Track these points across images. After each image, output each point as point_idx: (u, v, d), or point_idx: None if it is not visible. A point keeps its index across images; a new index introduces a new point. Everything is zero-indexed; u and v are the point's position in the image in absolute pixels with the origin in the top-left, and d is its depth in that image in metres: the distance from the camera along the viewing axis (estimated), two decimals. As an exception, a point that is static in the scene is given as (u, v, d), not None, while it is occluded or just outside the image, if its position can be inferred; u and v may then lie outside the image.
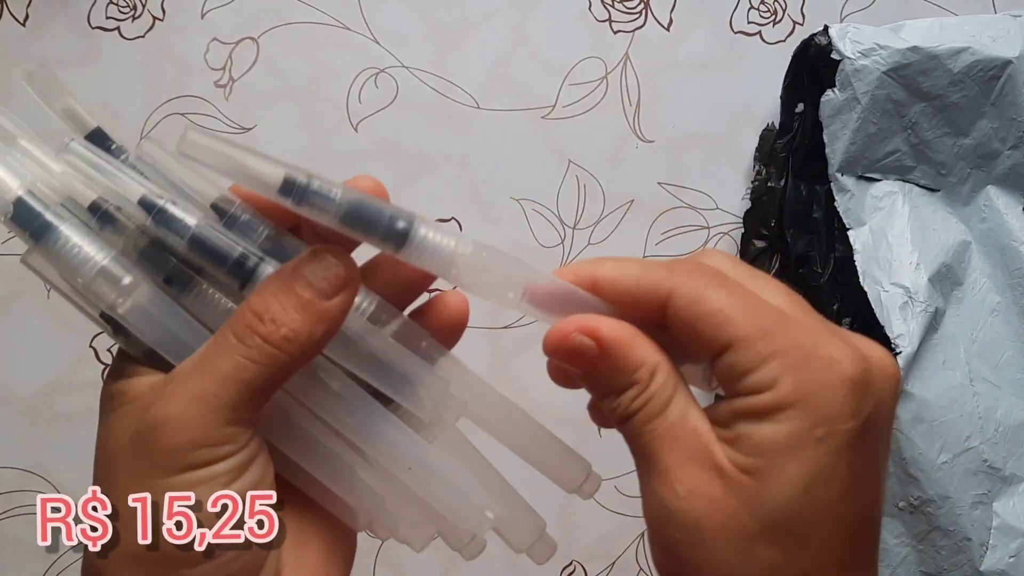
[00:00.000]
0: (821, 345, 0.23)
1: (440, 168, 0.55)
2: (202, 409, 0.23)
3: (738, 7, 0.56)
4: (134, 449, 0.23)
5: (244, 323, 0.23)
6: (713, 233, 0.55)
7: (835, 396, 0.23)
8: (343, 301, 0.24)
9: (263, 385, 0.23)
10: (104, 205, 0.24)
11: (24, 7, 0.55)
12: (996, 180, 0.54)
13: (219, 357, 0.23)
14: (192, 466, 0.23)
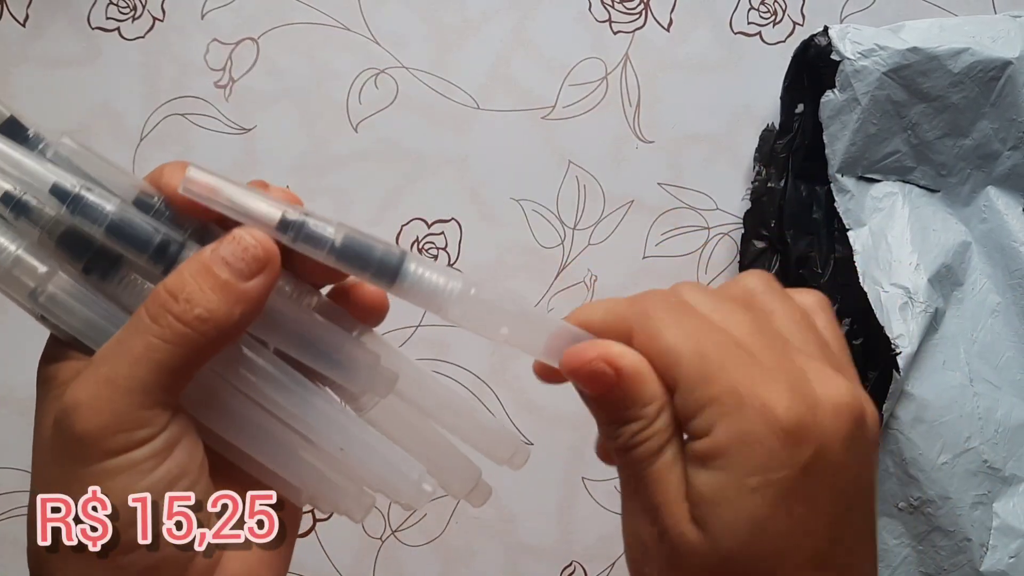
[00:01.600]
0: (760, 388, 0.23)
1: (440, 168, 0.55)
2: (112, 392, 0.22)
3: (738, 7, 0.57)
4: (53, 436, 0.23)
5: (158, 303, 0.22)
6: (713, 233, 0.55)
7: (766, 445, 0.22)
8: (263, 283, 0.23)
9: (177, 366, 0.22)
10: (17, 195, 0.24)
11: (24, 7, 0.55)
12: (996, 181, 0.54)
13: (131, 338, 0.22)
14: (108, 453, 0.22)
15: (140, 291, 0.24)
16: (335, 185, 0.55)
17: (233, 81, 0.55)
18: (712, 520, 0.22)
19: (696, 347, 0.23)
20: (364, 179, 0.55)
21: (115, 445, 0.22)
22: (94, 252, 0.24)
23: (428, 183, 0.55)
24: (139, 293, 0.24)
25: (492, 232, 0.55)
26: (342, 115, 0.55)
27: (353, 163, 0.55)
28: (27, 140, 0.25)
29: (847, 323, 0.51)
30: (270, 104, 0.55)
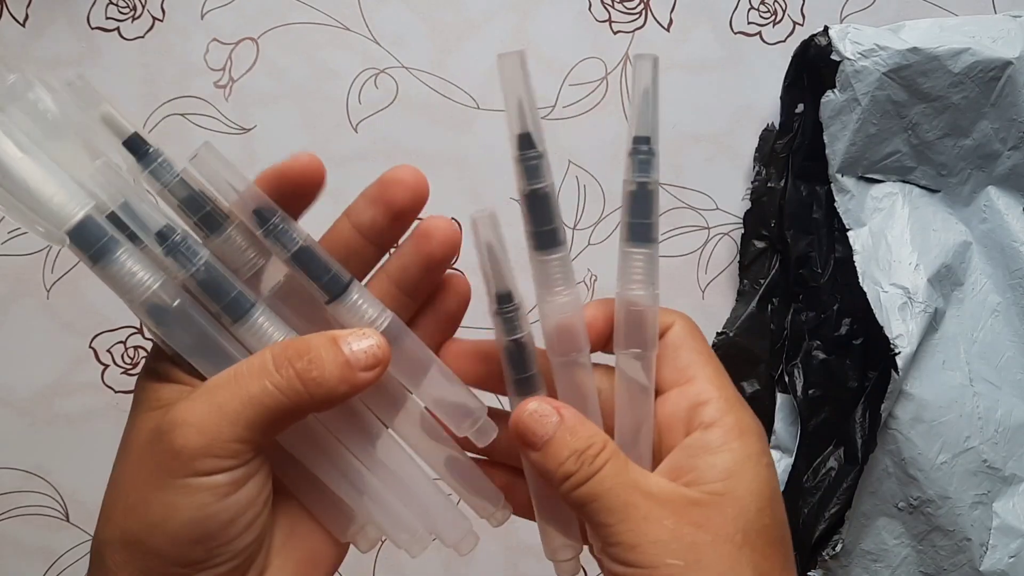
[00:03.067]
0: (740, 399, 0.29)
1: (440, 168, 0.55)
2: (220, 420, 0.24)
3: (738, 7, 0.56)
4: (150, 444, 0.25)
5: (285, 356, 0.25)
6: (713, 233, 0.55)
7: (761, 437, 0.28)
8: (372, 377, 0.26)
9: (280, 415, 0.25)
10: (171, 235, 0.26)
11: (24, 7, 0.55)
12: (997, 181, 0.54)
13: (250, 379, 0.25)
14: (196, 472, 0.24)
15: (263, 336, 0.27)
16: (335, 185, 0.55)
17: (233, 81, 0.55)
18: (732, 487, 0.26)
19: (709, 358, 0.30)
20: (364, 179, 0.55)
21: (204, 467, 0.24)
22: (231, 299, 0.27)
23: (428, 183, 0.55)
24: (261, 338, 0.27)
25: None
26: (342, 115, 0.55)
27: (353, 163, 0.55)
28: (147, 155, 0.28)
29: (847, 323, 0.51)
30: (270, 104, 0.55)
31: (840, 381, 0.51)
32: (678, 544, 0.25)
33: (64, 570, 0.53)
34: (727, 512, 0.26)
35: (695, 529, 0.26)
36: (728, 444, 0.27)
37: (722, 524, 0.26)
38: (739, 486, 0.26)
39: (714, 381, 0.29)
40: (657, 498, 0.26)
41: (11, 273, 0.54)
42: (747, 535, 0.26)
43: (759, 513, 0.26)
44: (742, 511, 0.26)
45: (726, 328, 0.53)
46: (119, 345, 0.54)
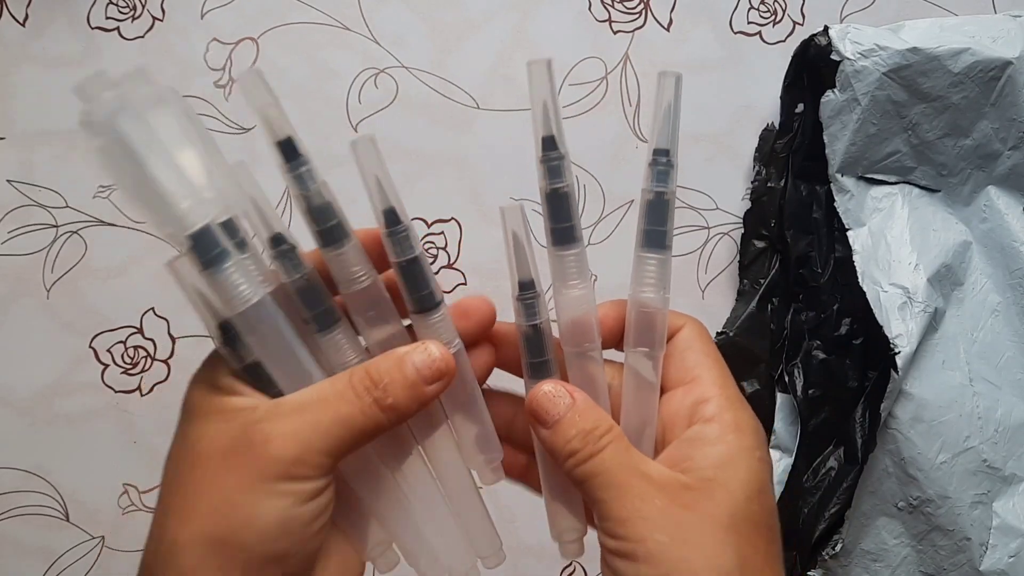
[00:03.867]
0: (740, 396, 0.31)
1: (440, 168, 0.55)
2: (313, 435, 0.27)
3: (738, 7, 0.57)
4: (235, 451, 0.28)
5: (365, 384, 0.28)
6: (713, 233, 0.55)
7: (758, 434, 0.30)
8: (439, 388, 0.29)
9: (361, 436, 0.28)
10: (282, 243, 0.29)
11: (24, 7, 0.55)
12: (997, 180, 0.54)
13: (338, 401, 0.28)
14: (287, 477, 0.27)
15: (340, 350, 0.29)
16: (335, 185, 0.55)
17: (233, 81, 0.55)
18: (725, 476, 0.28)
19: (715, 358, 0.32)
20: (364, 179, 0.55)
21: (296, 472, 0.27)
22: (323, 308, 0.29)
23: (428, 182, 0.55)
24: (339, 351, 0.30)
25: (492, 232, 0.55)
26: (342, 115, 0.55)
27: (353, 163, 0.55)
28: (295, 160, 0.31)
29: (847, 323, 0.52)
30: (270, 104, 0.55)
31: (840, 381, 0.51)
32: (666, 522, 0.27)
33: (64, 570, 0.53)
34: (716, 498, 0.28)
35: (684, 510, 0.27)
36: (724, 437, 0.29)
37: (710, 508, 0.27)
38: (730, 476, 0.28)
39: (717, 381, 0.31)
40: (652, 480, 0.28)
41: (11, 273, 0.54)
42: (733, 520, 0.27)
43: (747, 502, 0.28)
44: (731, 498, 0.28)
45: (726, 328, 0.53)
46: (119, 345, 0.54)
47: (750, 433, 0.30)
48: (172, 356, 0.54)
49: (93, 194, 0.54)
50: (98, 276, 0.54)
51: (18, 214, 0.54)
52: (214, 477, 0.28)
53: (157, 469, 0.56)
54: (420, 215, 0.55)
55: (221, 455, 0.28)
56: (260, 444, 0.27)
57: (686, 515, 0.27)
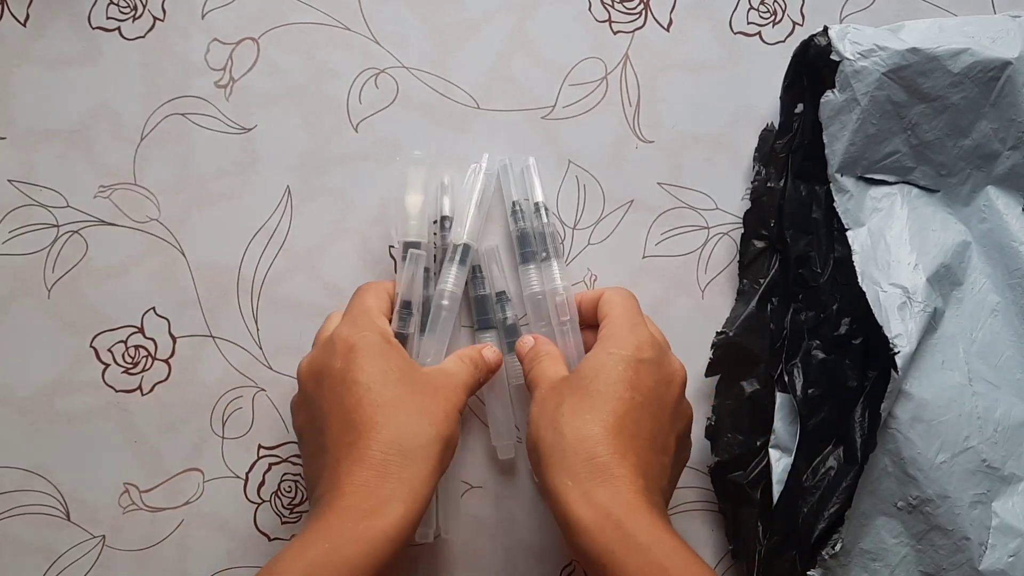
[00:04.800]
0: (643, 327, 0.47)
1: (440, 168, 0.55)
2: (463, 390, 0.47)
3: (738, 7, 0.57)
4: (441, 389, 0.45)
5: (474, 362, 0.48)
6: (712, 233, 0.56)
7: (625, 340, 0.46)
8: (497, 370, 0.51)
9: (471, 392, 0.48)
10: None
11: (25, 7, 0.55)
12: (996, 181, 0.54)
13: (466, 374, 0.47)
14: (459, 411, 0.45)
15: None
16: (335, 185, 0.55)
17: (233, 81, 0.55)
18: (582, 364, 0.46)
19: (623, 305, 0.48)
20: (364, 179, 0.55)
21: (461, 408, 0.46)
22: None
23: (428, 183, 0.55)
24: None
25: (492, 232, 0.55)
26: (342, 115, 0.55)
27: (353, 163, 0.55)
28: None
29: (846, 323, 0.52)
30: (270, 104, 0.55)
31: (840, 381, 0.51)
32: (551, 402, 0.44)
33: (64, 569, 0.53)
34: (583, 382, 0.44)
35: (563, 395, 0.44)
36: (603, 344, 0.46)
37: (578, 390, 0.44)
38: (598, 366, 0.44)
39: (614, 310, 0.48)
40: (551, 381, 0.46)
41: (11, 273, 0.54)
42: (590, 397, 0.43)
43: (608, 381, 0.44)
44: (592, 380, 0.44)
45: (725, 327, 0.54)
46: (120, 344, 0.54)
47: (620, 339, 0.45)
48: (173, 356, 0.54)
49: (94, 194, 0.54)
50: (99, 276, 0.54)
51: (18, 214, 0.54)
52: (435, 400, 0.44)
53: (158, 468, 0.56)
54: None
55: (432, 388, 0.45)
56: (448, 389, 0.45)
57: (561, 397, 0.44)
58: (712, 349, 0.53)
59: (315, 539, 0.38)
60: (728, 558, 0.54)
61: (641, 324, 0.47)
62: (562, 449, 0.41)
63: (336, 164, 0.55)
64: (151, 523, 0.53)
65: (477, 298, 0.53)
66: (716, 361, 0.53)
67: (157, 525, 0.53)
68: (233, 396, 0.54)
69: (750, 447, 0.52)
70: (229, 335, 0.54)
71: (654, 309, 0.55)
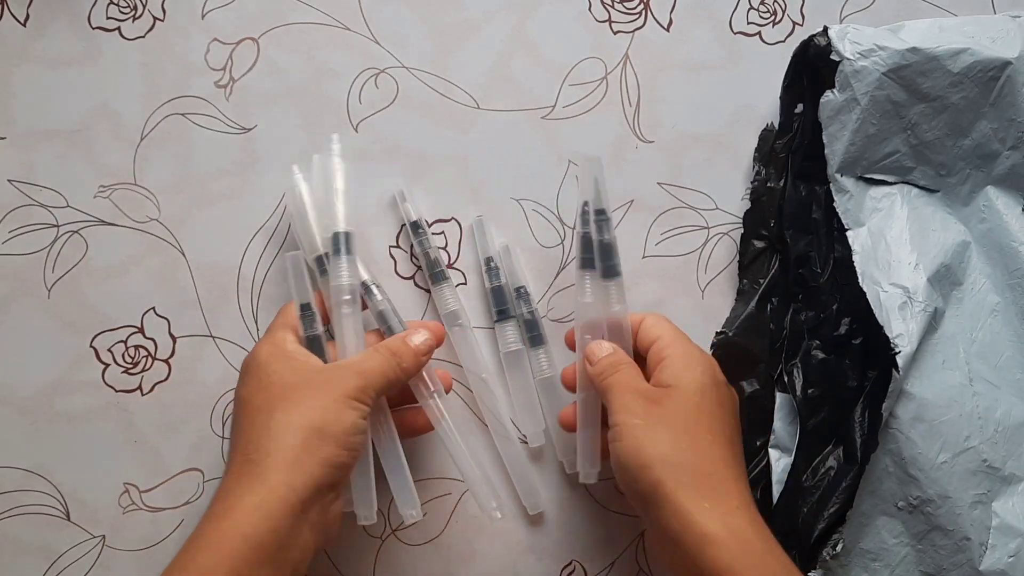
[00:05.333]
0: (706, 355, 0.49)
1: (440, 168, 0.55)
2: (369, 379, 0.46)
3: (738, 7, 0.57)
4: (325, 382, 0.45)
5: (392, 351, 0.47)
6: (712, 233, 0.56)
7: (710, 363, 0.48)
8: (428, 358, 0.49)
9: (388, 383, 0.46)
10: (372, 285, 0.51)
11: (25, 7, 0.55)
12: (996, 180, 0.54)
13: (380, 363, 0.47)
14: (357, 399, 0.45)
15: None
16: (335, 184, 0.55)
17: (233, 81, 0.55)
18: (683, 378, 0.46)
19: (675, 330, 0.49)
20: (364, 179, 0.55)
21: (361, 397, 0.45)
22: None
23: (428, 182, 0.55)
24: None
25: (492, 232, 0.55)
26: (342, 114, 0.55)
27: (353, 163, 0.55)
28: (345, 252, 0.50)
29: (846, 323, 0.52)
30: (270, 104, 0.55)
31: (840, 381, 0.51)
32: (640, 411, 0.45)
33: (64, 569, 0.53)
34: (674, 396, 0.45)
35: (654, 405, 0.45)
36: (675, 361, 0.47)
37: (671, 403, 0.45)
38: (682, 381, 0.46)
39: (669, 334, 0.48)
40: (638, 389, 0.46)
41: (11, 273, 0.54)
42: (686, 409, 0.45)
43: (698, 395, 0.45)
44: (684, 395, 0.45)
45: (725, 327, 0.54)
46: (119, 344, 0.54)
47: (694, 356, 0.47)
48: (173, 356, 0.54)
49: (94, 194, 0.54)
50: (99, 276, 0.54)
51: (18, 214, 0.54)
52: (309, 390, 0.44)
53: (158, 468, 0.56)
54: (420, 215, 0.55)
55: (308, 379, 0.45)
56: (341, 380, 0.45)
57: (655, 409, 0.45)
58: (712, 349, 0.53)
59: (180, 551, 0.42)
60: (728, 558, 0.54)
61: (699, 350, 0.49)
62: (688, 467, 0.43)
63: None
64: (151, 523, 0.53)
65: (494, 289, 0.53)
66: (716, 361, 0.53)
67: (157, 525, 0.53)
68: (233, 396, 0.54)
69: (750, 447, 0.52)
70: (229, 335, 0.54)
71: (654, 309, 0.55)
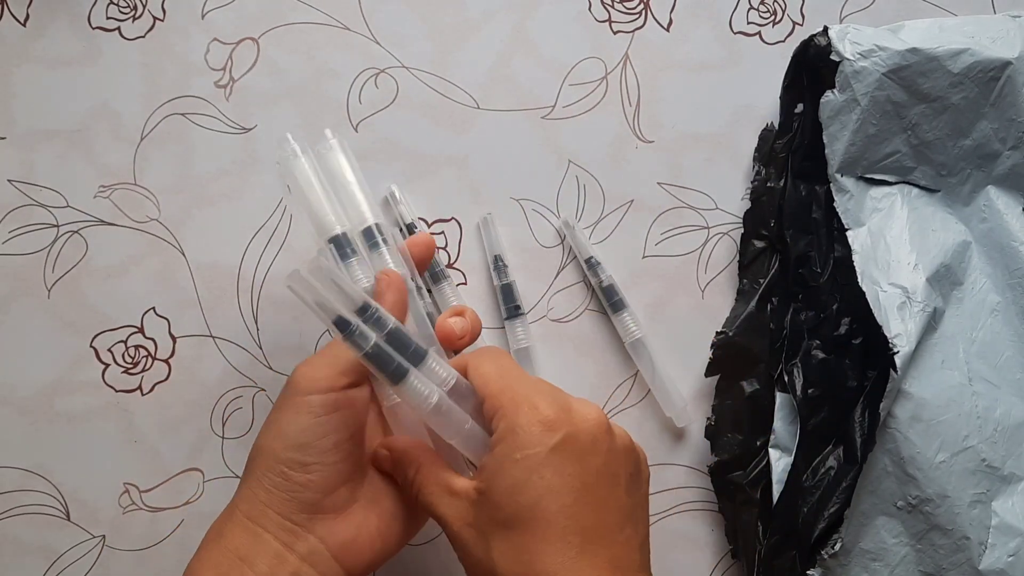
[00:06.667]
0: (533, 398, 0.38)
1: (440, 168, 0.55)
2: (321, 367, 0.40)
3: (738, 7, 0.57)
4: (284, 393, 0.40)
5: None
6: (712, 233, 0.56)
7: (528, 431, 0.37)
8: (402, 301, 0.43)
9: (349, 370, 0.40)
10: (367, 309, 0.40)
11: (25, 7, 0.55)
12: (996, 180, 0.54)
13: (335, 347, 0.40)
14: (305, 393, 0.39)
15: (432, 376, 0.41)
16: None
17: (233, 81, 0.55)
18: (491, 484, 0.37)
19: (498, 375, 0.40)
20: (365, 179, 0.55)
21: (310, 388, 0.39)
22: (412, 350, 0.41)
23: (428, 182, 0.55)
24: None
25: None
26: (342, 115, 0.55)
27: (353, 163, 0.55)
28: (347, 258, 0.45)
29: (846, 323, 0.52)
30: (270, 104, 0.55)
31: (839, 380, 0.51)
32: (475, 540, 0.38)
33: (64, 569, 0.53)
34: (490, 507, 0.37)
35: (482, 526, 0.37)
36: (497, 454, 0.38)
37: (476, 514, 0.38)
38: (496, 487, 0.37)
39: (496, 395, 0.39)
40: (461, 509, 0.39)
41: (11, 273, 0.54)
42: (493, 520, 0.37)
43: (504, 504, 0.37)
44: (489, 503, 0.37)
45: (725, 327, 0.54)
46: (120, 344, 0.54)
47: (512, 436, 0.37)
48: (173, 356, 0.54)
49: (94, 194, 0.54)
50: (99, 276, 0.54)
51: (18, 214, 0.54)
52: (273, 414, 0.40)
53: (158, 468, 0.56)
54: (420, 215, 0.55)
55: (276, 407, 0.40)
56: (293, 381, 0.40)
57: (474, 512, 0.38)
58: (712, 349, 0.53)
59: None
60: (728, 558, 0.54)
61: (530, 396, 0.38)
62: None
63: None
64: (151, 523, 0.53)
65: (503, 287, 0.54)
66: (716, 361, 0.53)
67: (157, 525, 0.53)
68: (233, 396, 0.54)
69: (750, 447, 0.52)
70: (229, 335, 0.54)
71: (654, 309, 0.55)
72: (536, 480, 0.36)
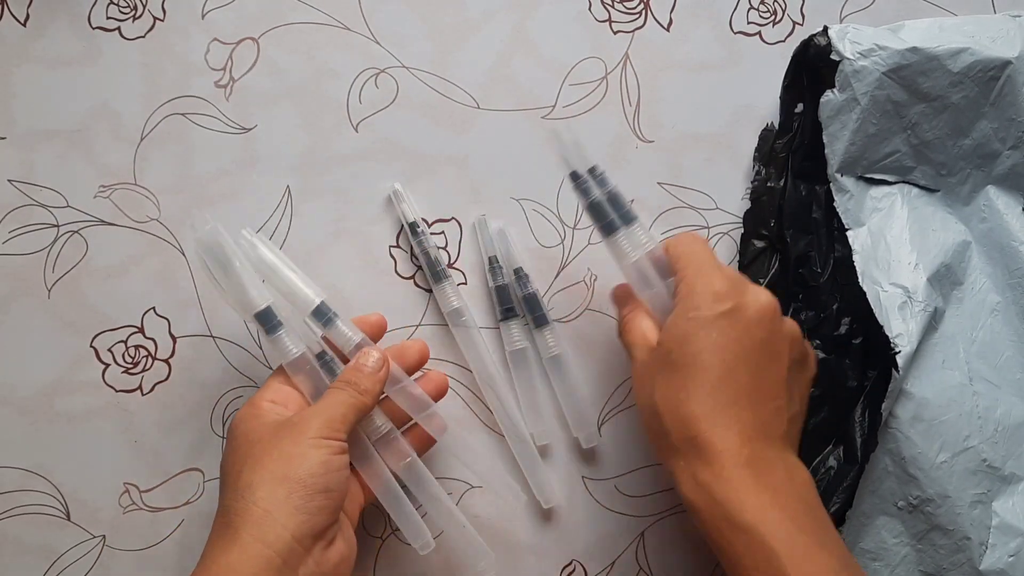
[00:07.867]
0: (713, 273, 0.44)
1: (440, 168, 0.55)
2: (333, 416, 0.45)
3: (738, 7, 0.57)
4: (286, 428, 0.44)
5: (348, 382, 0.46)
6: (713, 233, 0.56)
7: (703, 296, 0.43)
8: (385, 374, 0.47)
9: (354, 411, 0.45)
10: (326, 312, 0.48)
11: (25, 7, 0.55)
12: (996, 180, 0.54)
13: (339, 396, 0.45)
14: (323, 437, 0.43)
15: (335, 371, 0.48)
16: (335, 184, 0.55)
17: (233, 81, 0.55)
18: (666, 336, 0.44)
19: (689, 251, 0.46)
20: (364, 179, 0.55)
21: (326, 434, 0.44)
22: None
23: (428, 182, 0.55)
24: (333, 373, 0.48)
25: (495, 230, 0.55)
26: (342, 115, 0.55)
27: (353, 163, 0.55)
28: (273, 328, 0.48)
29: (846, 322, 0.52)
30: (270, 104, 0.55)
31: (840, 380, 0.51)
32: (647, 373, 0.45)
33: (64, 569, 0.53)
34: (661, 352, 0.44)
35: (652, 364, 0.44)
36: (675, 313, 0.44)
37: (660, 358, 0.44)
38: (668, 336, 0.44)
39: (684, 268, 0.45)
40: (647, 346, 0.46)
41: (11, 273, 0.54)
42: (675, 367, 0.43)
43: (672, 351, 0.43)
44: (668, 351, 0.43)
45: (726, 327, 0.53)
46: (120, 344, 0.54)
47: (689, 299, 0.44)
48: (173, 355, 0.54)
49: (94, 194, 0.54)
50: (99, 276, 0.54)
51: (19, 214, 0.54)
52: (273, 441, 0.43)
53: (158, 468, 0.56)
54: (420, 214, 0.55)
55: (273, 431, 0.44)
56: (302, 423, 0.44)
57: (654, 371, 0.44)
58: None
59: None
60: (728, 558, 0.54)
61: (710, 271, 0.44)
62: (664, 431, 0.42)
63: (336, 164, 0.55)
64: (151, 523, 0.53)
65: (498, 288, 0.53)
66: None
67: (157, 525, 0.53)
68: (233, 396, 0.54)
69: (750, 447, 0.52)
70: (229, 335, 0.54)
71: (654, 309, 0.55)
72: (703, 335, 0.42)
